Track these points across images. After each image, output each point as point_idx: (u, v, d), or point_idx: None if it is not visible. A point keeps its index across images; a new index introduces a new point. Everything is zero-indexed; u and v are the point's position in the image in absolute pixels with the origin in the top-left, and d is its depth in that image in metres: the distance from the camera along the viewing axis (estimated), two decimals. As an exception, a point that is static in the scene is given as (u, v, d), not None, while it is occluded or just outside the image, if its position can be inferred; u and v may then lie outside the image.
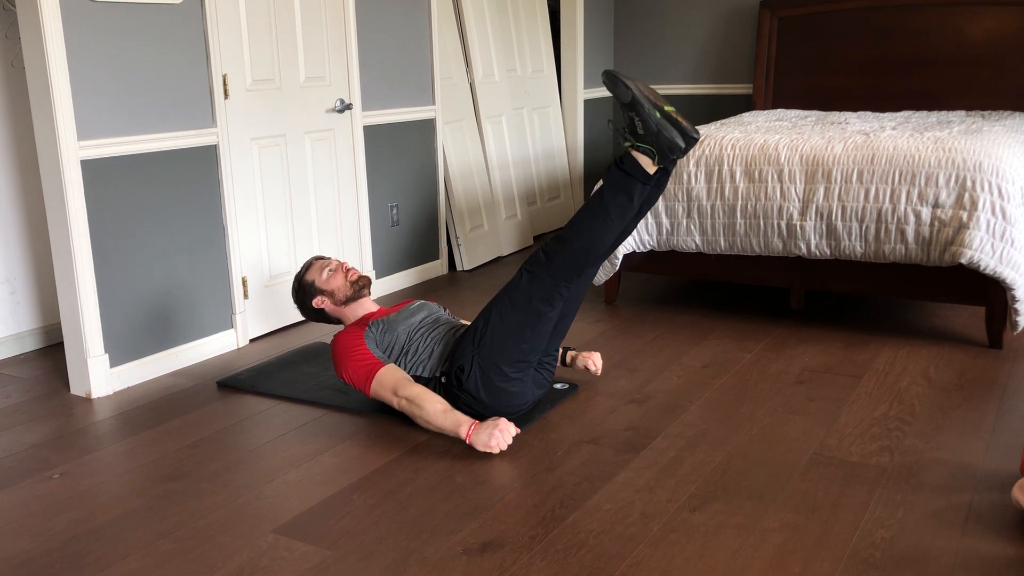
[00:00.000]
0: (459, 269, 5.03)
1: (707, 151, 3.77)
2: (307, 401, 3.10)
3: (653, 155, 2.68)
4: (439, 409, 2.71)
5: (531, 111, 5.74)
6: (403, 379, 2.80)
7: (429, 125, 4.75)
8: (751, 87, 5.90)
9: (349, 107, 4.18)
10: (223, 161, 3.60)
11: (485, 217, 5.18)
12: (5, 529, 2.31)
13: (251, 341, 3.84)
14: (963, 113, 4.86)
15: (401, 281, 4.67)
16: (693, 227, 3.77)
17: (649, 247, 3.90)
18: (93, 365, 3.21)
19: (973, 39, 5.13)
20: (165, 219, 3.42)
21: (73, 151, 3.07)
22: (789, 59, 5.62)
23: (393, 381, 2.79)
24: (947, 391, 3.04)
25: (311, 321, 3.21)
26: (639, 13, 6.25)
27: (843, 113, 5.00)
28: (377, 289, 4.51)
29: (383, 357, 2.86)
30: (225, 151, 3.61)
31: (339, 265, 3.10)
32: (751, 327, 3.79)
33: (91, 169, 3.14)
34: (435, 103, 4.76)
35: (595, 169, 6.37)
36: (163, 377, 3.42)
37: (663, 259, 3.97)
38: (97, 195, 3.17)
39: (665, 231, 3.84)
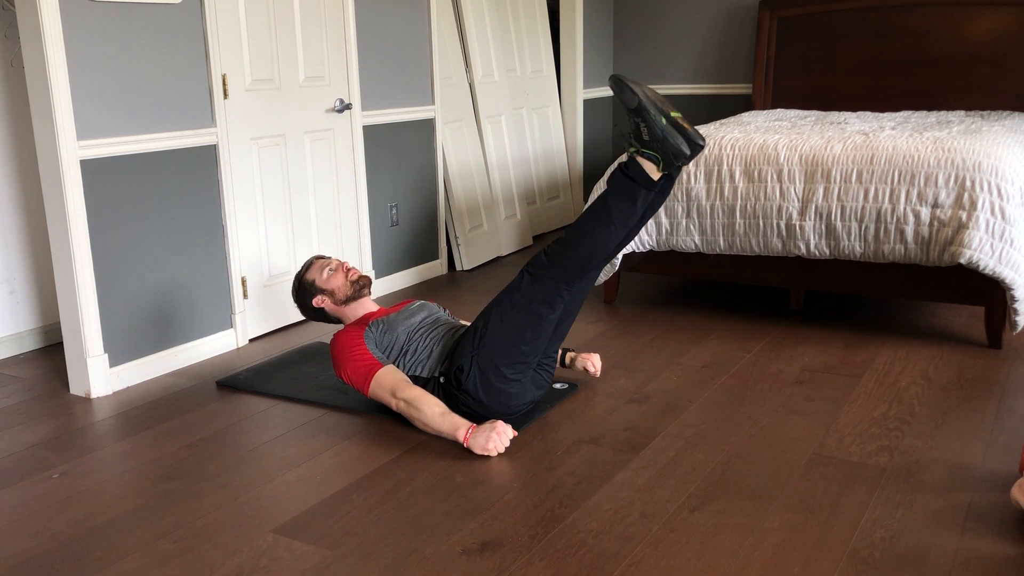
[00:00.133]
0: (459, 269, 5.03)
1: (707, 151, 3.77)
2: (306, 401, 3.10)
3: (658, 161, 2.68)
4: (437, 412, 2.71)
5: (530, 111, 5.74)
6: (402, 381, 2.80)
7: (428, 125, 4.75)
8: (750, 87, 5.90)
9: (348, 107, 4.18)
10: (222, 161, 3.60)
11: (484, 217, 5.18)
12: (4, 529, 2.31)
13: (250, 341, 3.84)
14: (962, 113, 4.86)
15: (400, 281, 4.67)
16: (692, 227, 3.77)
17: (649, 247, 3.90)
18: (92, 365, 3.21)
19: (972, 39, 5.14)
20: (164, 219, 3.42)
21: (72, 151, 3.07)
22: (788, 59, 5.63)
23: (392, 382, 2.79)
24: (946, 391, 3.04)
25: (311, 320, 3.22)
26: (638, 13, 6.25)
27: (842, 113, 5.00)
28: (377, 289, 4.51)
29: (382, 357, 2.86)
30: (224, 151, 3.61)
31: (340, 265, 3.10)
32: (750, 327, 3.79)
33: (90, 169, 3.14)
34: (435, 103, 4.76)
35: (594, 169, 6.37)
36: (162, 377, 3.42)
37: (663, 259, 3.97)
38: (96, 195, 3.17)
39: (664, 231, 3.84)
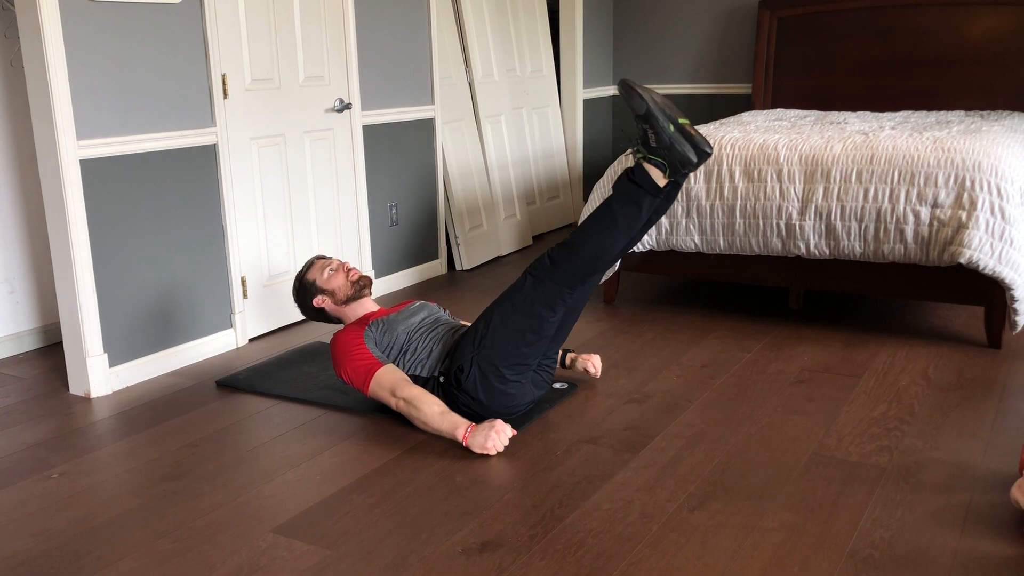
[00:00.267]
0: (458, 269, 5.03)
1: (706, 151, 3.77)
2: (306, 401, 3.10)
3: (665, 168, 2.68)
4: (436, 411, 2.71)
5: (530, 111, 5.74)
6: (401, 380, 2.80)
7: (428, 125, 4.75)
8: (750, 87, 5.90)
9: (348, 107, 4.18)
10: (222, 161, 3.60)
11: (484, 217, 5.18)
12: (4, 528, 2.31)
13: (250, 341, 3.84)
14: (962, 113, 4.86)
15: (400, 281, 4.67)
16: (692, 227, 3.77)
17: (648, 247, 3.90)
18: (92, 365, 3.21)
19: (972, 39, 5.14)
20: (164, 219, 3.42)
21: (72, 150, 3.06)
22: (788, 59, 5.63)
23: (391, 382, 2.79)
24: (946, 391, 3.04)
25: (311, 320, 3.21)
26: (638, 13, 6.25)
27: (842, 113, 5.00)
28: (376, 289, 4.50)
29: (382, 357, 2.86)
30: (224, 151, 3.61)
31: (340, 265, 3.10)
32: (750, 327, 3.79)
33: (90, 168, 3.14)
34: (434, 103, 4.76)
35: (594, 169, 6.37)
36: (162, 377, 3.42)
37: (662, 259, 3.97)
38: (96, 195, 3.17)
39: (664, 231, 3.84)
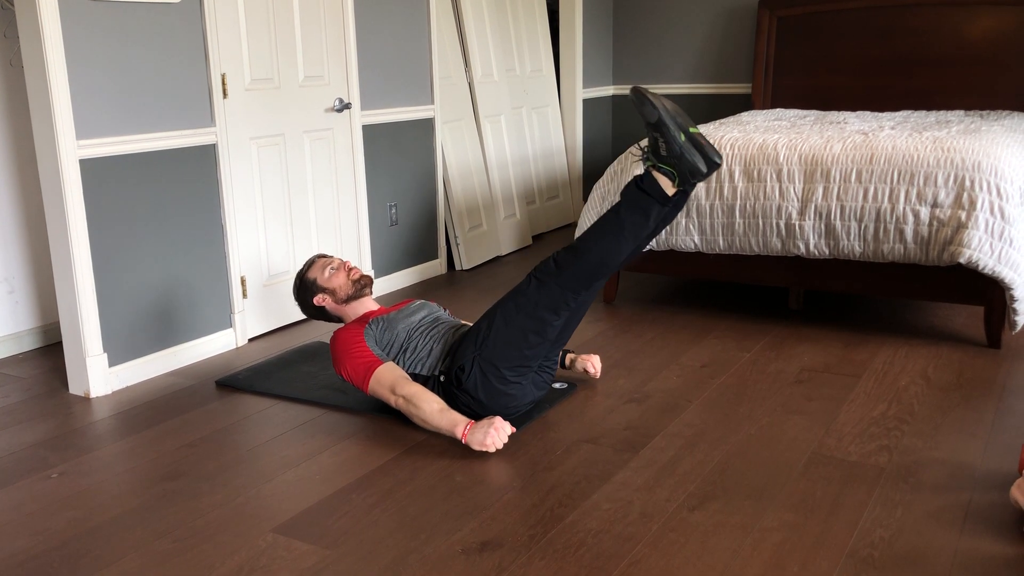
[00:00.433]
0: (458, 269, 5.03)
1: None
2: (306, 400, 3.10)
3: (674, 177, 2.68)
4: (436, 408, 2.71)
5: (530, 110, 5.74)
6: (401, 377, 2.80)
7: (428, 124, 4.75)
8: (750, 87, 5.90)
9: (348, 106, 4.17)
10: (222, 160, 3.60)
11: (484, 216, 5.18)
12: (4, 528, 2.31)
13: (250, 340, 3.84)
14: (962, 113, 4.86)
15: (400, 280, 4.67)
16: (692, 227, 3.77)
17: (648, 247, 3.90)
18: (92, 364, 3.20)
19: (972, 39, 5.14)
20: (164, 218, 3.42)
21: (72, 150, 3.06)
22: (788, 58, 5.63)
23: (391, 379, 2.79)
24: (946, 391, 3.04)
25: (312, 319, 3.22)
26: (638, 12, 6.25)
27: (842, 113, 5.00)
28: (376, 288, 4.50)
29: (382, 355, 2.87)
30: (224, 150, 3.60)
31: (341, 264, 3.10)
32: (750, 327, 3.79)
33: (90, 168, 3.14)
34: (434, 102, 4.76)
35: (594, 168, 6.38)
36: (162, 376, 3.42)
37: (662, 259, 3.96)
38: (96, 194, 3.17)
39: (664, 231, 3.83)
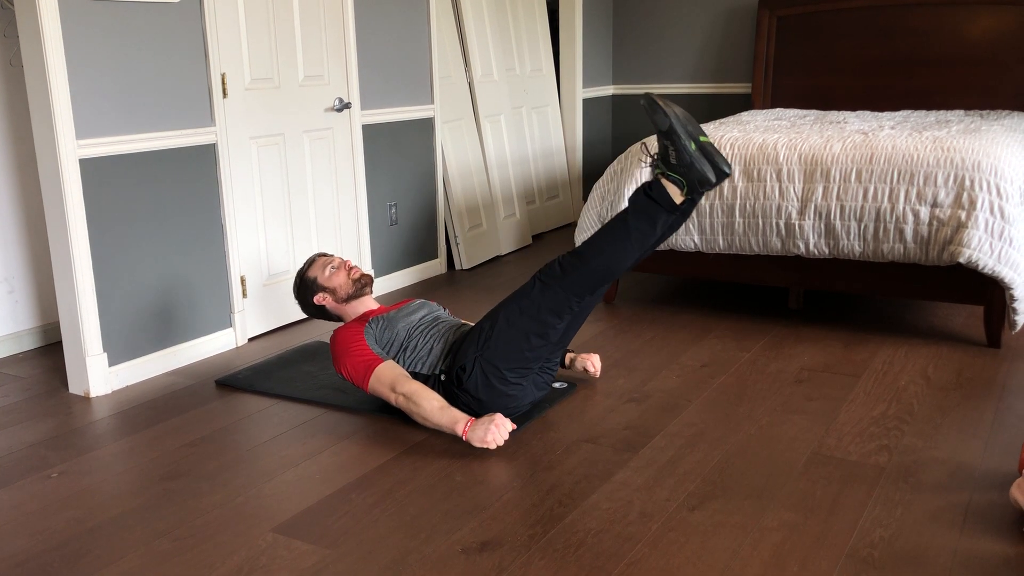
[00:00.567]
0: (458, 268, 5.03)
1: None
2: (306, 400, 3.10)
3: (683, 186, 2.68)
4: (436, 406, 2.71)
5: (530, 110, 5.74)
6: (401, 375, 2.80)
7: (428, 124, 4.75)
8: (750, 86, 5.90)
9: (348, 106, 4.17)
10: (222, 160, 3.60)
11: (484, 216, 5.18)
12: (3, 528, 2.31)
13: (250, 340, 3.84)
14: (962, 112, 4.86)
15: (400, 280, 4.67)
16: (692, 226, 3.77)
17: (648, 246, 3.90)
18: (91, 364, 3.20)
19: (972, 39, 5.14)
20: (164, 218, 3.42)
21: (72, 150, 3.06)
22: (788, 58, 5.63)
23: (391, 377, 2.79)
24: (945, 390, 3.04)
25: (312, 318, 3.21)
26: (638, 12, 6.25)
27: (842, 112, 5.00)
28: (376, 288, 4.50)
29: (382, 353, 2.87)
30: (224, 150, 3.60)
31: (342, 263, 3.10)
32: (750, 326, 3.79)
33: (90, 168, 3.14)
34: (434, 102, 4.76)
35: (594, 168, 6.37)
36: (161, 376, 3.42)
37: (662, 259, 3.96)
38: (96, 194, 3.17)
39: (664, 230, 3.83)
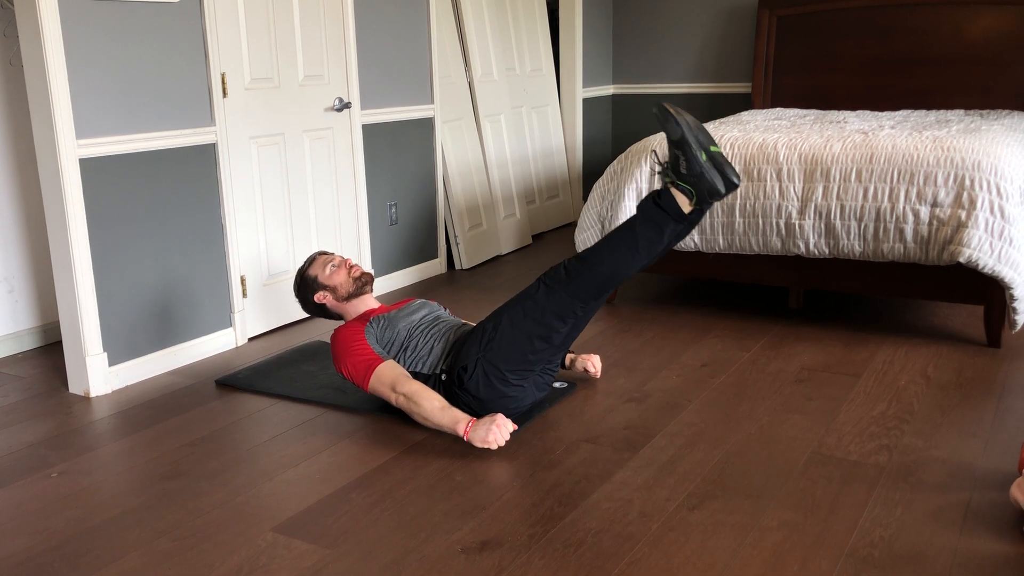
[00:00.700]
0: (458, 268, 5.03)
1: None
2: (306, 400, 3.10)
3: (692, 195, 2.68)
4: (436, 406, 2.71)
5: (530, 110, 5.74)
6: (402, 375, 2.80)
7: (428, 124, 4.75)
8: (750, 86, 5.90)
9: (348, 106, 4.17)
10: (221, 160, 3.60)
11: (484, 216, 5.18)
12: (3, 528, 2.31)
13: (250, 340, 3.84)
14: (962, 112, 4.86)
15: (400, 280, 4.67)
16: (692, 226, 3.77)
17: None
18: (91, 364, 3.20)
19: (972, 38, 5.14)
20: (163, 218, 3.42)
21: (71, 149, 3.06)
22: (788, 58, 5.63)
23: (392, 377, 2.79)
24: (946, 390, 3.04)
25: (312, 316, 3.21)
26: (638, 12, 6.25)
27: (842, 112, 5.00)
28: (376, 288, 4.50)
29: (383, 353, 2.87)
30: (224, 150, 3.60)
31: (342, 261, 3.11)
32: (750, 326, 3.79)
33: (89, 167, 3.14)
34: (434, 102, 4.76)
35: (594, 168, 6.37)
36: (162, 376, 3.42)
37: (662, 258, 3.96)
38: (95, 193, 3.17)
39: (664, 230, 3.83)
